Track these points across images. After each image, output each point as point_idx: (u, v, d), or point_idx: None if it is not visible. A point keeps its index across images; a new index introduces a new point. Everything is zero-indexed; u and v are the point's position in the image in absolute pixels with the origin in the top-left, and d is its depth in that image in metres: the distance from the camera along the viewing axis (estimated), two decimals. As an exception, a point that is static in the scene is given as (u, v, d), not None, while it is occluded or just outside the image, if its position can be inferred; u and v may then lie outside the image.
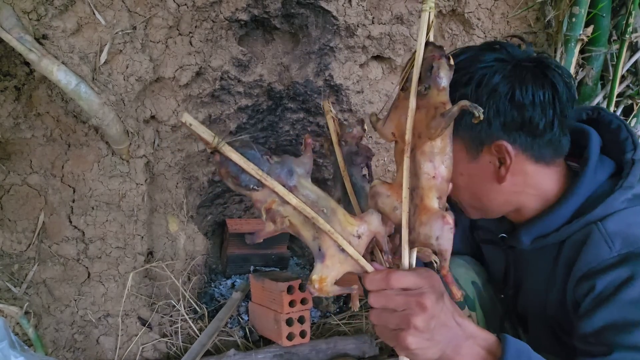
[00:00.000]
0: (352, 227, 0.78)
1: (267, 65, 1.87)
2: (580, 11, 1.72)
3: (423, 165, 0.74)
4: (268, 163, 0.76)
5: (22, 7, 1.36)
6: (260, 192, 0.76)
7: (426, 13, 0.76)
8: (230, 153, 0.73)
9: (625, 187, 0.93)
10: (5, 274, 1.64)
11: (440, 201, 0.74)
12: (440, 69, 0.74)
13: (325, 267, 0.77)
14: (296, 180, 0.77)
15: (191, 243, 2.02)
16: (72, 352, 1.70)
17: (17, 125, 1.57)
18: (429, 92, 0.74)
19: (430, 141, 0.73)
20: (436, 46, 0.76)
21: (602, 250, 0.89)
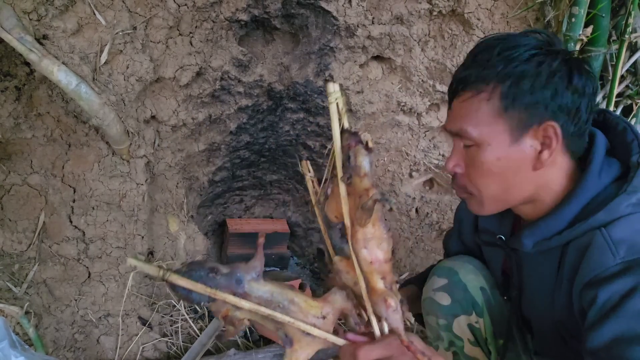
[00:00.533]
0: (316, 309, 0.84)
1: (267, 65, 1.87)
2: (580, 11, 1.72)
3: (360, 252, 0.77)
4: (215, 279, 0.83)
5: (23, 7, 1.36)
6: (214, 304, 0.84)
7: (333, 105, 0.80)
8: (177, 281, 0.81)
9: (630, 192, 0.90)
10: (5, 273, 1.64)
11: (385, 280, 0.78)
12: (357, 156, 0.77)
13: (294, 351, 0.84)
14: (246, 286, 0.83)
15: (191, 243, 2.02)
16: (72, 351, 1.71)
17: (18, 125, 1.58)
18: (352, 180, 0.77)
19: (362, 228, 0.76)
20: (351, 133, 0.79)
21: (606, 258, 0.86)
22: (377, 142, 2.10)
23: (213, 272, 0.83)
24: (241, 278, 0.83)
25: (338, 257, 0.85)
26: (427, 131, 2.12)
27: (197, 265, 0.83)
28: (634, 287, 0.82)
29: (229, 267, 0.84)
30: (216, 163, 2.13)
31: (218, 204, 2.47)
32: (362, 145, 0.78)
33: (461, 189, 1.00)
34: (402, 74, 1.97)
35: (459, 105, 0.96)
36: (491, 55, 0.92)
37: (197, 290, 0.82)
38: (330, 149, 0.81)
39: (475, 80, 0.93)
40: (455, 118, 0.97)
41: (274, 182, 2.51)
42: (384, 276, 0.78)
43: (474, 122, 0.93)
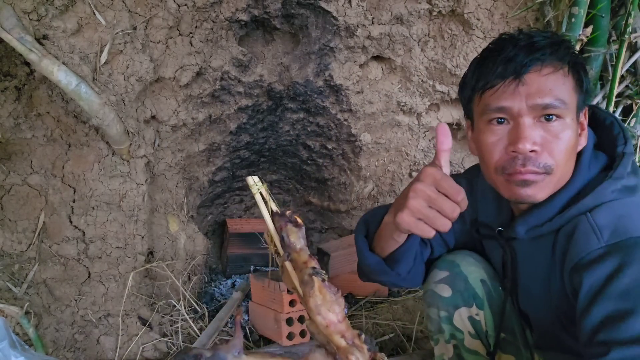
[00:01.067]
0: None
1: (267, 65, 1.87)
2: (580, 11, 1.72)
3: (314, 319, 0.81)
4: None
5: (23, 7, 1.36)
6: None
7: (257, 195, 0.87)
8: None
9: (615, 178, 0.95)
10: (5, 274, 1.64)
11: (346, 337, 0.82)
12: (290, 235, 0.84)
13: None
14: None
15: (191, 243, 2.02)
16: (72, 351, 1.70)
17: (18, 125, 1.58)
18: (292, 256, 0.84)
19: (310, 297, 0.80)
20: (279, 215, 0.86)
21: (591, 241, 0.90)
22: (377, 142, 2.10)
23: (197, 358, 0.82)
24: (224, 358, 0.83)
25: (308, 321, 0.88)
26: (427, 131, 2.12)
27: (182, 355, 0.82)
28: (617, 268, 0.85)
29: (212, 350, 0.84)
30: (216, 163, 2.13)
31: (218, 204, 2.47)
32: (292, 223, 0.85)
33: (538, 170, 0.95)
34: (402, 74, 1.97)
35: (541, 78, 0.95)
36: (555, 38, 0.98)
37: None
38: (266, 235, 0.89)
39: (551, 59, 0.96)
40: (541, 91, 0.94)
41: (274, 182, 2.51)
42: (342, 334, 0.82)
43: (564, 94, 0.95)
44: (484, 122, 1.00)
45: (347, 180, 2.27)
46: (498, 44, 1.00)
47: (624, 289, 0.83)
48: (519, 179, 0.95)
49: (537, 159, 0.95)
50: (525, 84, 0.95)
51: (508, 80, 0.95)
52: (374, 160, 2.17)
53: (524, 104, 0.94)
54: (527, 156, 0.94)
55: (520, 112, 0.95)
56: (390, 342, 2.00)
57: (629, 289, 0.83)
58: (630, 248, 0.86)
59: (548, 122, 0.95)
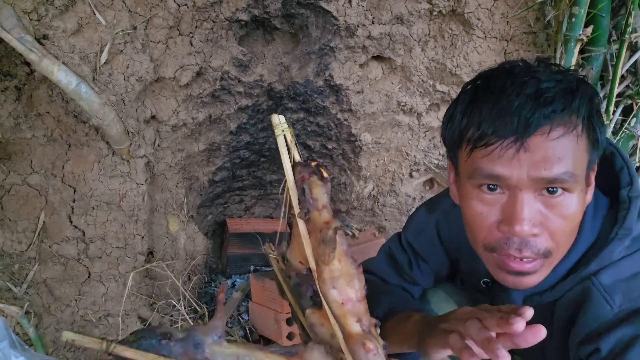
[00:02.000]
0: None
1: (267, 65, 1.87)
2: (580, 11, 1.72)
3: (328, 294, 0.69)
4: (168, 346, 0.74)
5: (23, 7, 1.36)
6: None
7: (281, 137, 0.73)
8: (124, 352, 0.73)
9: (622, 236, 0.80)
10: (5, 273, 1.64)
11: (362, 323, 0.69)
12: (313, 189, 0.70)
13: None
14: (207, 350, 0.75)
15: (191, 243, 2.02)
16: (72, 351, 1.70)
17: (18, 125, 1.58)
18: (311, 215, 0.71)
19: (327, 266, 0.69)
20: (302, 165, 0.72)
21: (603, 310, 0.79)
22: (377, 142, 2.10)
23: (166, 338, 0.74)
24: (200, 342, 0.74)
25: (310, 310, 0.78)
26: (427, 131, 2.12)
27: (146, 332, 0.75)
28: (634, 337, 0.75)
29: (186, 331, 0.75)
30: (216, 163, 2.13)
31: (218, 204, 2.47)
32: (317, 175, 0.72)
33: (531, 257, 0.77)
34: (402, 73, 1.97)
35: (549, 143, 0.74)
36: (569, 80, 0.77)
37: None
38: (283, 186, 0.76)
39: (563, 115, 0.74)
40: (548, 161, 0.73)
41: (274, 182, 2.51)
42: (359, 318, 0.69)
43: (575, 163, 0.75)
44: (472, 185, 0.80)
45: (347, 180, 2.27)
46: (497, 82, 0.77)
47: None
48: (513, 268, 0.78)
49: (536, 244, 0.77)
50: (529, 150, 0.73)
51: (507, 142, 0.74)
52: (374, 160, 2.16)
53: (525, 174, 0.74)
54: (524, 240, 0.76)
55: (519, 185, 0.75)
56: (390, 342, 2.00)
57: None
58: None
59: (551, 196, 0.75)
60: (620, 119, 2.00)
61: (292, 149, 0.73)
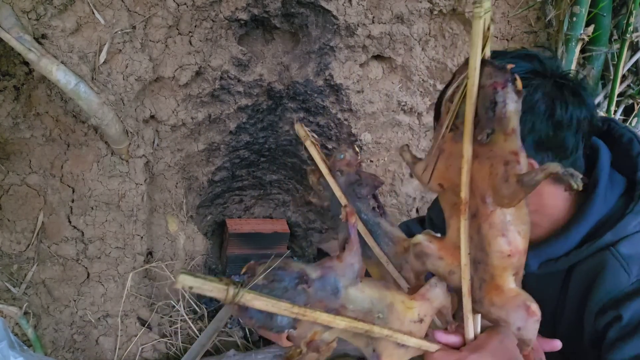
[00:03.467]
0: (412, 311, 0.65)
1: (267, 64, 1.86)
2: (581, 10, 1.71)
3: (494, 241, 0.58)
4: (305, 293, 0.60)
5: (22, 6, 1.36)
6: (299, 329, 0.62)
7: (479, 21, 0.53)
8: (252, 302, 0.58)
9: (637, 211, 0.87)
10: (4, 274, 1.63)
11: (517, 278, 0.61)
12: (507, 102, 0.52)
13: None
14: (343, 295, 0.62)
15: (191, 243, 2.01)
16: (71, 352, 1.70)
17: (16, 125, 1.57)
18: (493, 138, 0.54)
19: (501, 209, 0.57)
20: (497, 67, 0.54)
21: (621, 278, 0.84)
22: (378, 141, 2.09)
23: (303, 281, 0.60)
24: (338, 284, 0.61)
25: (424, 237, 0.66)
26: (427, 131, 2.11)
27: (280, 274, 0.60)
28: None
29: (320, 268, 0.61)
30: (216, 163, 2.12)
31: (218, 204, 2.46)
32: (514, 86, 0.53)
33: None
34: (403, 73, 1.96)
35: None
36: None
37: (280, 313, 0.59)
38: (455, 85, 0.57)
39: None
40: None
41: (274, 182, 2.50)
42: (517, 272, 0.60)
43: None
44: None
45: (348, 180, 2.27)
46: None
47: None
48: None
49: None
50: None
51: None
52: (374, 160, 2.16)
53: None
54: None
55: None
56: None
57: None
58: None
59: None
60: (622, 119, 2.00)
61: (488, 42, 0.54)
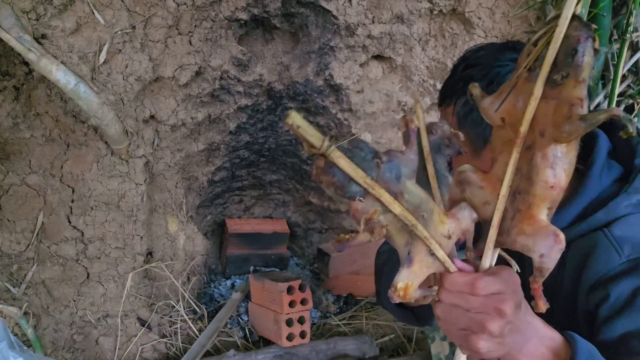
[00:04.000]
0: (444, 226, 0.72)
1: (267, 64, 1.86)
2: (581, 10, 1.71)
3: (542, 171, 0.64)
4: (377, 168, 0.67)
5: (21, 6, 1.36)
6: (364, 202, 0.68)
7: None
8: (338, 159, 0.64)
9: (630, 192, 0.90)
10: (4, 274, 1.63)
11: (550, 212, 0.66)
12: (586, 54, 0.61)
13: (412, 272, 0.71)
14: (402, 184, 0.69)
15: (191, 243, 2.01)
16: (71, 352, 1.70)
17: (16, 125, 1.57)
18: (566, 81, 0.62)
19: (556, 144, 0.64)
20: (584, 23, 0.62)
21: (612, 257, 0.86)
22: (378, 141, 2.09)
23: (378, 157, 0.67)
24: (401, 172, 0.69)
25: (470, 166, 0.72)
26: (427, 131, 2.11)
27: (362, 144, 0.67)
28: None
29: (387, 154, 0.69)
30: (215, 163, 2.12)
31: (217, 204, 2.46)
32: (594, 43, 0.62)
33: None
34: (403, 73, 1.96)
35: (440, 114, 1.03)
36: (457, 70, 0.98)
37: (356, 179, 0.65)
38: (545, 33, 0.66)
39: (446, 95, 0.99)
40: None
41: (274, 182, 2.50)
42: (551, 206, 0.66)
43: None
44: None
45: (347, 180, 2.27)
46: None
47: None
48: None
49: None
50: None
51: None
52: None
53: None
54: None
55: None
56: (390, 343, 1.99)
57: None
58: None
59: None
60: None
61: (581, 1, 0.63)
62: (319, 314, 2.17)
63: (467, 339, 0.70)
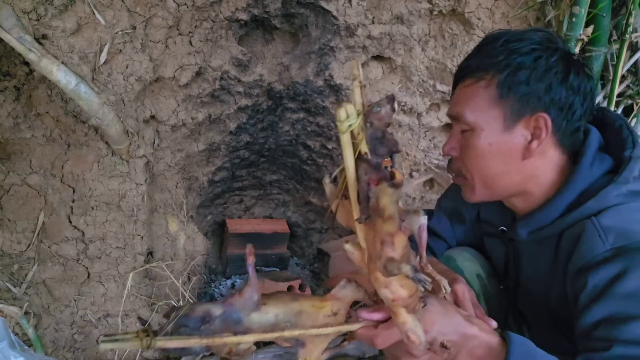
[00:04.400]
0: (325, 309, 0.80)
1: (267, 65, 1.87)
2: (581, 11, 1.72)
3: (380, 291, 0.70)
4: (209, 326, 0.74)
5: (22, 7, 1.36)
6: (215, 347, 0.76)
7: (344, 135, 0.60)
8: (166, 344, 0.73)
9: (619, 182, 0.94)
10: (5, 274, 1.63)
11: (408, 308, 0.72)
12: (381, 198, 0.59)
13: (307, 351, 0.80)
14: (246, 321, 0.76)
15: (191, 243, 2.02)
16: (72, 352, 1.70)
17: (17, 125, 1.57)
18: (373, 219, 0.62)
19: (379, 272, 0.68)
20: (371, 165, 0.60)
21: (596, 245, 0.90)
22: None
23: (205, 322, 0.74)
24: (239, 315, 0.75)
25: (349, 245, 0.76)
26: (427, 131, 2.12)
27: (184, 319, 0.73)
28: (622, 271, 0.85)
29: (222, 305, 0.75)
30: (216, 163, 2.13)
31: (218, 204, 2.46)
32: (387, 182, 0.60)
33: (455, 173, 1.06)
34: (403, 73, 1.97)
35: (460, 91, 1.02)
36: (494, 46, 0.98)
37: (192, 345, 0.73)
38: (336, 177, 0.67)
39: (477, 69, 0.99)
40: (455, 103, 1.02)
41: (274, 182, 2.50)
42: (407, 306, 0.71)
43: (471, 107, 0.98)
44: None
45: (347, 180, 2.27)
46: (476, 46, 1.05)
47: (628, 292, 0.84)
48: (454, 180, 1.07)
49: (454, 164, 1.04)
50: (454, 94, 1.04)
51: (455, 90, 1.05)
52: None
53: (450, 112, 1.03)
54: (449, 160, 1.06)
55: (451, 119, 1.04)
56: (390, 343, 1.99)
57: (633, 293, 0.84)
58: (635, 252, 0.86)
59: (463, 133, 1.01)
60: (623, 120, 2.00)
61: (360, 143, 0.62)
62: (319, 313, 2.17)
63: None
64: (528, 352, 0.79)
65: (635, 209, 0.93)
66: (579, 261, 0.92)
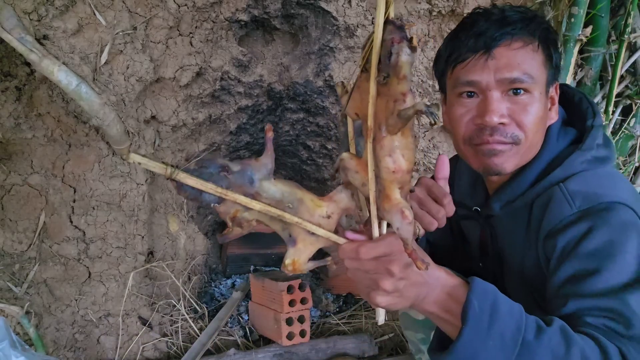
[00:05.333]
0: (321, 209, 0.82)
1: (267, 65, 1.87)
2: (579, 11, 1.72)
3: (382, 160, 0.73)
4: (226, 178, 0.79)
5: (23, 7, 1.36)
6: (223, 205, 0.80)
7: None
8: (185, 179, 0.78)
9: (584, 150, 0.98)
10: (6, 273, 1.64)
11: (402, 191, 0.75)
12: (400, 54, 0.68)
13: (297, 250, 0.82)
14: (258, 185, 0.80)
15: (191, 243, 2.02)
16: (72, 351, 1.71)
17: (18, 125, 1.58)
18: (389, 80, 0.70)
19: (389, 135, 0.72)
20: (396, 26, 0.69)
21: (564, 209, 0.93)
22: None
23: (225, 170, 0.79)
24: (253, 177, 0.79)
25: (347, 155, 0.81)
26: (426, 131, 2.12)
27: (207, 162, 0.79)
28: (587, 230, 0.88)
29: (240, 164, 0.80)
30: (216, 163, 2.13)
31: (218, 204, 2.47)
32: (407, 42, 0.68)
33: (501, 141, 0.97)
34: (402, 74, 1.97)
35: (510, 52, 0.95)
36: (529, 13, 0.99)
37: (207, 191, 0.78)
38: (368, 39, 0.72)
39: (522, 33, 0.96)
40: (509, 65, 0.95)
41: (274, 182, 2.51)
42: (402, 186, 0.75)
43: (532, 68, 0.96)
44: (454, 95, 1.01)
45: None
46: (471, 18, 1.01)
47: (592, 250, 0.87)
48: (486, 148, 0.97)
49: (505, 130, 0.97)
50: (495, 58, 0.95)
51: (478, 55, 0.96)
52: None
53: (493, 78, 0.95)
54: (494, 127, 0.96)
55: (489, 86, 0.96)
56: (390, 342, 2.00)
57: (596, 250, 0.87)
58: (600, 212, 0.89)
59: (516, 96, 0.96)
60: (620, 119, 2.01)
61: (391, 4, 0.70)
62: (319, 313, 2.18)
63: (369, 295, 0.80)
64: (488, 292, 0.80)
65: (600, 175, 0.97)
66: (547, 226, 0.95)
